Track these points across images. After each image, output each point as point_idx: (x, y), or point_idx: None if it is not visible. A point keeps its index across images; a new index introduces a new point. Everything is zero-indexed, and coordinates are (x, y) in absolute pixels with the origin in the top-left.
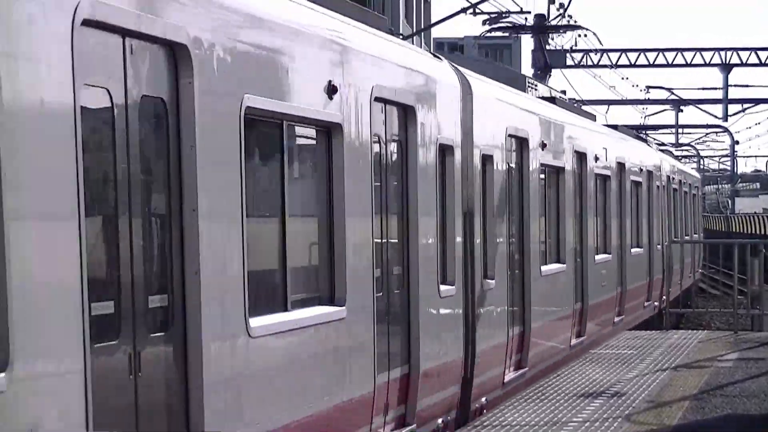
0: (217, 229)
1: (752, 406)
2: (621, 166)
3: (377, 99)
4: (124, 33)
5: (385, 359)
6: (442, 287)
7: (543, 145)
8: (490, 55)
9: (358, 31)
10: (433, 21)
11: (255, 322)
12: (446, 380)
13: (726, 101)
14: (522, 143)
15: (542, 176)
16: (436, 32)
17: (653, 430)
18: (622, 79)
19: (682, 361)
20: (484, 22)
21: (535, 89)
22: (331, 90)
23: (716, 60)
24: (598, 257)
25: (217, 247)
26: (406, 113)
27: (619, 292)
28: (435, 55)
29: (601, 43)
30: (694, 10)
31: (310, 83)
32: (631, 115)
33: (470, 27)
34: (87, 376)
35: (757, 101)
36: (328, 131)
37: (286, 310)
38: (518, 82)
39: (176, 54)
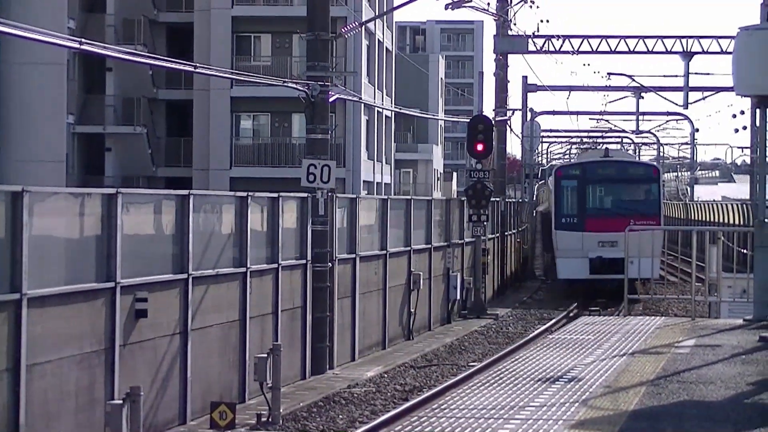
0: None
1: (708, 393)
2: None
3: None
4: None
5: None
6: None
7: None
8: (452, 39)
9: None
10: (395, 4)
11: None
12: None
13: (687, 89)
14: None
15: None
16: (398, 16)
17: (610, 414)
18: (584, 65)
19: (640, 347)
20: (446, 6)
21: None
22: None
23: (677, 48)
24: None
25: None
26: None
27: None
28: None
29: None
30: None
31: None
32: (593, 101)
33: (432, 11)
34: None
35: (717, 89)
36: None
37: None
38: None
39: None
